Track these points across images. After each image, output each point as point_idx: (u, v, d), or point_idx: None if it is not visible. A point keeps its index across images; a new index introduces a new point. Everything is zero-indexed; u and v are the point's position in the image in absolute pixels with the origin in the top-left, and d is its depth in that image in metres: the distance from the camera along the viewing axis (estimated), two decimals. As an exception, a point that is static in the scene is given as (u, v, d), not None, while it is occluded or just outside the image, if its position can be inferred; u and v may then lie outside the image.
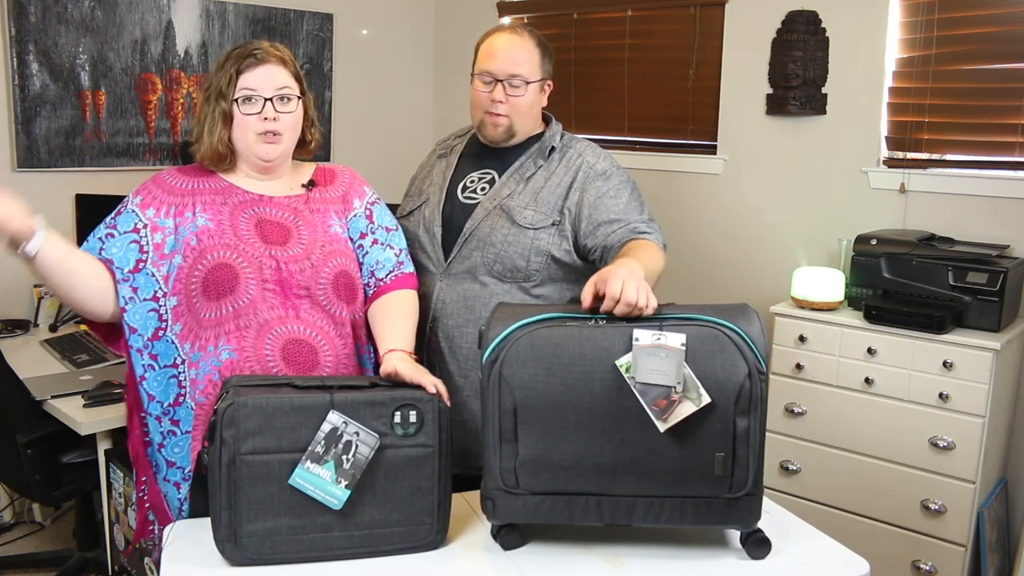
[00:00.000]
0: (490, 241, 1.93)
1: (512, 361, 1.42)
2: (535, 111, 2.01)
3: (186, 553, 1.48)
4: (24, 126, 3.24)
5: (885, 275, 2.72)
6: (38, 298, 3.27)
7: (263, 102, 1.72)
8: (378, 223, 1.88)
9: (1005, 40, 2.77)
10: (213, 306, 1.68)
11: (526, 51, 1.97)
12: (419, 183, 2.14)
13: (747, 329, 1.43)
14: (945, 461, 2.55)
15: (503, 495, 1.46)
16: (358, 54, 4.18)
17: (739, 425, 1.41)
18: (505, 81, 1.95)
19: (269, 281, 1.70)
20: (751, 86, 3.29)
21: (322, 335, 1.73)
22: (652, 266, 1.72)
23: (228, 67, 1.72)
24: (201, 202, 1.74)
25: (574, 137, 2.06)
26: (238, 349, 1.67)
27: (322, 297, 1.73)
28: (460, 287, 1.95)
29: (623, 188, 1.96)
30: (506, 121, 1.97)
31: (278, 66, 1.74)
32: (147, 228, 1.71)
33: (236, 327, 1.68)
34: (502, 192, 1.98)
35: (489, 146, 2.04)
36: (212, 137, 1.73)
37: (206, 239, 1.70)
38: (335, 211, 1.83)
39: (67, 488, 2.68)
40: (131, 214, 1.73)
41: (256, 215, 1.75)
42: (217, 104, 1.72)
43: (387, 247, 1.87)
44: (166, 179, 1.78)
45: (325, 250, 1.76)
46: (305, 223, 1.78)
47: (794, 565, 1.48)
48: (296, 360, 1.69)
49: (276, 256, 1.71)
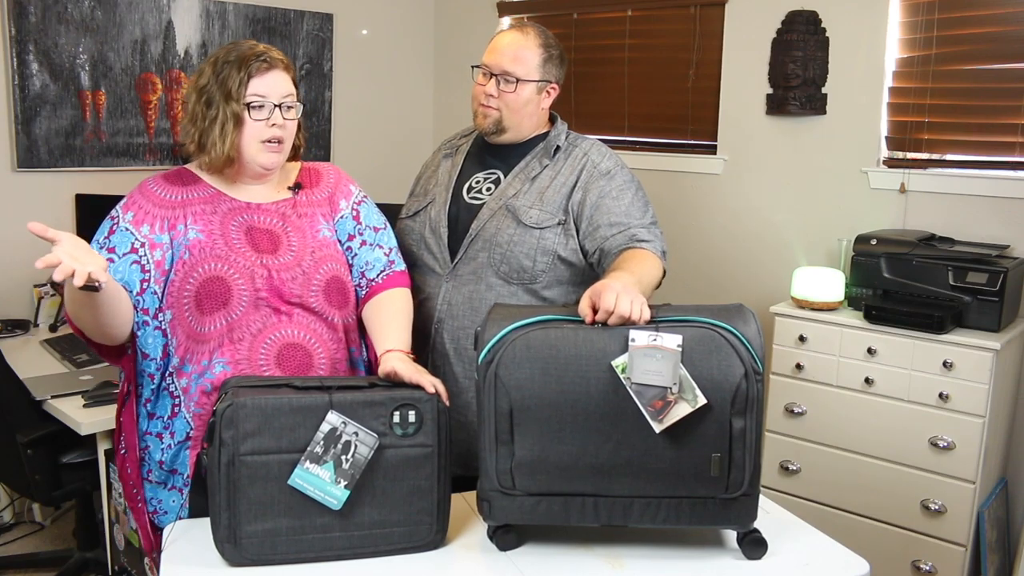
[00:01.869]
0: (496, 241, 1.92)
1: (508, 362, 1.42)
2: (530, 110, 2.00)
3: (186, 553, 1.49)
4: (24, 126, 3.24)
5: (885, 275, 2.72)
6: (38, 298, 3.27)
7: (272, 108, 1.70)
8: (365, 223, 1.86)
9: (1005, 40, 2.77)
10: (207, 320, 1.66)
11: (527, 50, 1.97)
12: (424, 183, 2.13)
13: (743, 330, 1.43)
14: (945, 461, 2.55)
15: (499, 496, 1.46)
16: (358, 54, 4.18)
17: (735, 426, 1.41)
18: (499, 76, 1.95)
19: (261, 290, 1.68)
20: (751, 86, 3.29)
21: (316, 338, 1.72)
22: (647, 278, 1.72)
23: (235, 70, 1.67)
24: (191, 213, 1.71)
25: (580, 136, 2.06)
26: (232, 362, 1.66)
27: (315, 304, 1.73)
28: (466, 288, 1.94)
29: (626, 188, 1.95)
30: (496, 114, 1.97)
31: (284, 72, 1.73)
32: (145, 247, 1.67)
33: (230, 340, 1.66)
34: (508, 192, 1.97)
35: (494, 146, 2.04)
36: (225, 143, 1.67)
37: (197, 252, 1.67)
38: (322, 214, 1.82)
39: (67, 488, 2.68)
40: (126, 233, 1.67)
41: (245, 223, 1.73)
42: (228, 106, 1.67)
43: (376, 247, 1.85)
44: (154, 190, 1.73)
45: (315, 256, 1.75)
46: (294, 229, 1.76)
47: (794, 565, 1.48)
48: (290, 365, 1.69)
49: (268, 265, 1.69)
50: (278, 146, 1.72)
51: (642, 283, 1.65)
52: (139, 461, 1.73)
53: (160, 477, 1.73)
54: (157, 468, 1.73)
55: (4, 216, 3.24)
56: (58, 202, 3.34)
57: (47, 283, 3.26)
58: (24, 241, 3.51)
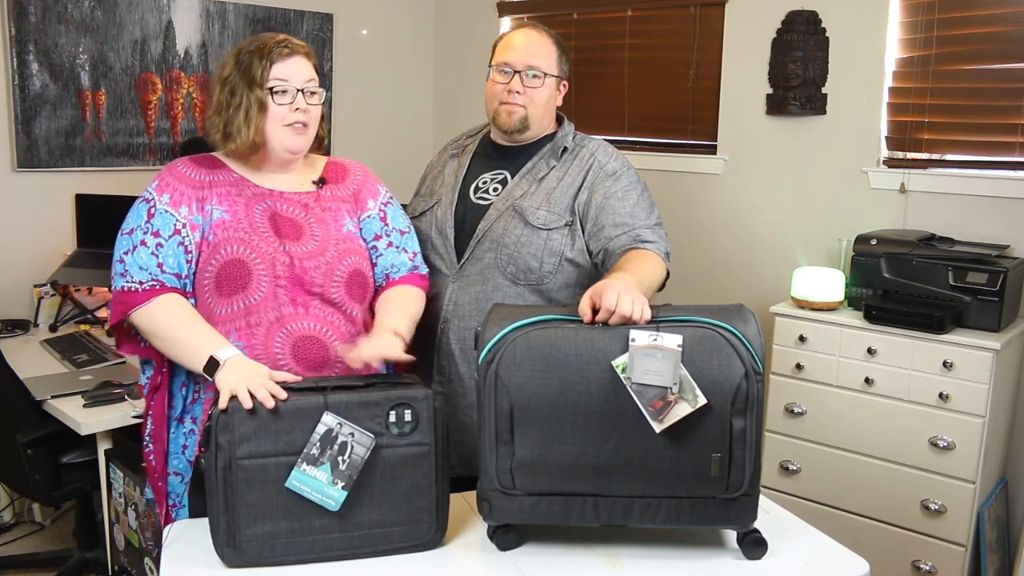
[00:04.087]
0: (503, 242, 1.92)
1: (508, 362, 1.42)
2: (550, 107, 2.00)
3: (186, 553, 1.49)
4: (24, 126, 3.24)
5: (885, 275, 2.72)
6: (38, 298, 3.27)
7: (295, 93, 1.72)
8: (392, 225, 1.87)
9: (1005, 40, 2.77)
10: (225, 302, 1.67)
11: (544, 46, 1.97)
12: (430, 183, 2.12)
13: (743, 330, 1.43)
14: (945, 461, 2.55)
15: (499, 496, 1.46)
16: (358, 54, 4.18)
17: (735, 426, 1.41)
18: (523, 72, 1.94)
19: (282, 278, 1.68)
20: (751, 86, 3.29)
21: (332, 330, 1.72)
22: (649, 279, 1.72)
23: (257, 58, 1.70)
24: (218, 194, 1.72)
25: (587, 137, 2.05)
26: (248, 346, 1.66)
27: (335, 295, 1.73)
28: (473, 289, 1.93)
29: (631, 189, 1.94)
30: (522, 111, 1.96)
31: (305, 58, 1.75)
32: (186, 228, 1.68)
33: (247, 324, 1.67)
34: (515, 193, 1.96)
35: (502, 146, 2.03)
36: (250, 128, 1.69)
37: (221, 232, 1.69)
38: (347, 210, 1.82)
39: (67, 488, 2.68)
40: (166, 215, 1.68)
41: (269, 208, 1.74)
42: (252, 92, 1.69)
43: (401, 251, 1.87)
44: (183, 171, 1.74)
45: (339, 248, 1.75)
46: (317, 220, 1.77)
47: (794, 565, 1.48)
48: (306, 357, 1.69)
49: (290, 252, 1.70)
50: (303, 128, 1.74)
51: (643, 284, 1.64)
52: (166, 454, 1.75)
53: (179, 466, 1.75)
54: (179, 454, 1.75)
55: (4, 216, 3.24)
56: (58, 202, 3.35)
57: (47, 283, 3.27)
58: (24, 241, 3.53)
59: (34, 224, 3.31)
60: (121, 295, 1.66)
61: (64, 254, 3.35)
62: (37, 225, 3.32)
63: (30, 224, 3.30)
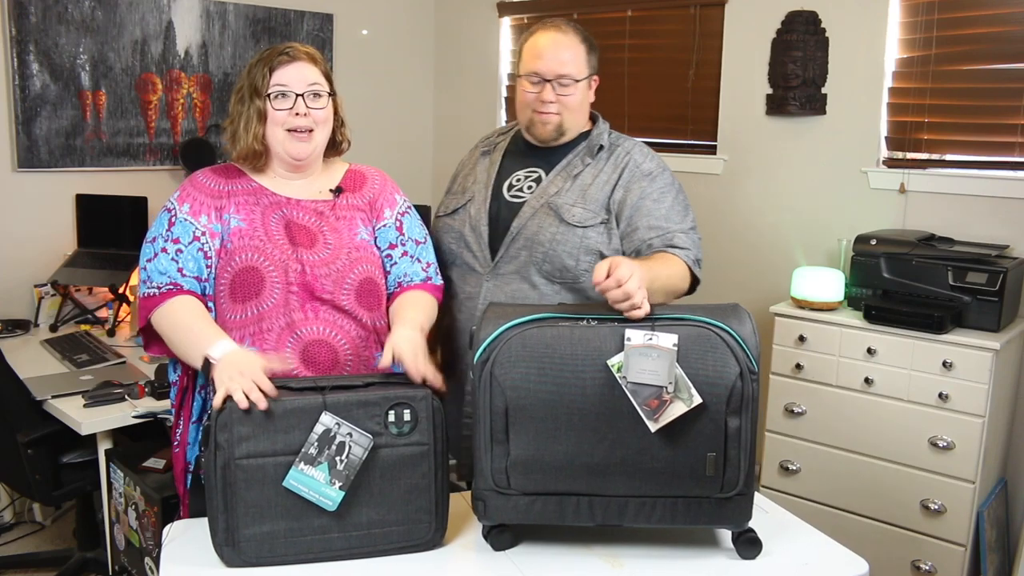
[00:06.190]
0: (538, 240, 1.89)
1: (503, 361, 1.42)
2: (584, 107, 1.99)
3: (185, 553, 1.49)
4: (24, 126, 3.24)
5: (885, 275, 2.72)
6: (38, 298, 3.28)
7: (295, 97, 1.73)
8: (408, 235, 1.87)
9: (1005, 40, 2.77)
10: (239, 308, 1.69)
11: (571, 49, 1.93)
12: (462, 180, 2.09)
13: (738, 329, 1.43)
14: (945, 461, 2.55)
15: (494, 496, 1.46)
16: (358, 54, 4.19)
17: (730, 425, 1.41)
18: (554, 81, 1.92)
19: (293, 284, 1.70)
20: (751, 86, 3.29)
21: (342, 335, 1.72)
22: (664, 281, 1.72)
23: (260, 66, 1.73)
24: (235, 203, 1.75)
25: (623, 135, 2.03)
26: (260, 352, 1.66)
27: (345, 303, 1.73)
28: (508, 288, 1.91)
29: (667, 191, 1.92)
30: (556, 119, 1.94)
31: (308, 64, 1.76)
32: (206, 235, 1.72)
33: (259, 329, 1.69)
34: (549, 190, 1.94)
35: (535, 144, 2.01)
36: (248, 135, 1.73)
37: (237, 240, 1.71)
38: (361, 218, 1.82)
39: (67, 488, 2.68)
40: (186, 223, 1.72)
41: (284, 216, 1.76)
42: (252, 102, 1.73)
43: (416, 260, 1.86)
44: (203, 181, 1.78)
45: (351, 256, 1.76)
46: (331, 229, 1.77)
47: (793, 565, 1.48)
48: (316, 361, 1.69)
49: (302, 259, 1.71)
50: (307, 135, 1.75)
51: (658, 282, 1.64)
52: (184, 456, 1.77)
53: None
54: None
55: (5, 216, 3.24)
56: (58, 202, 3.35)
57: (47, 283, 3.27)
58: (25, 241, 3.54)
59: (34, 224, 3.31)
60: (143, 300, 1.70)
61: (64, 254, 3.35)
62: (37, 225, 3.32)
63: (30, 224, 3.30)
